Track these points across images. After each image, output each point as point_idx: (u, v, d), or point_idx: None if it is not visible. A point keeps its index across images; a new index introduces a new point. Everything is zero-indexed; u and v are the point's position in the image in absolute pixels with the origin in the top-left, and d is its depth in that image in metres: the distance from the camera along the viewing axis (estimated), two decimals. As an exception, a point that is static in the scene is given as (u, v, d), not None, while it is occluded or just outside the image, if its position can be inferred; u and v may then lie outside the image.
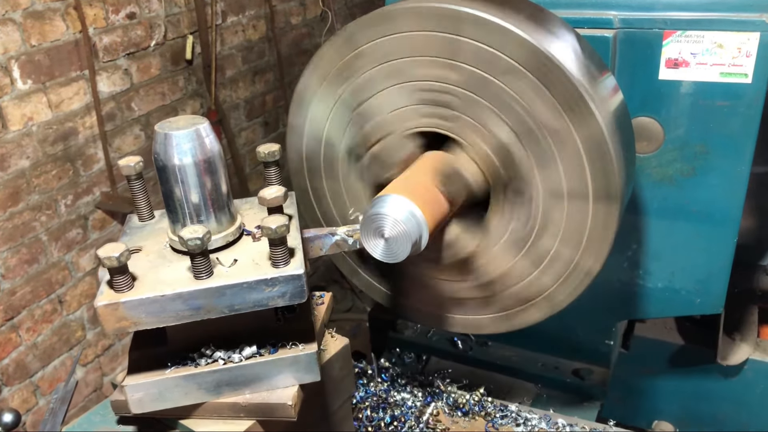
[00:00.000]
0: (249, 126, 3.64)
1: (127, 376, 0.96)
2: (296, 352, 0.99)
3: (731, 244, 1.47)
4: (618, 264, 1.58)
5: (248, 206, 1.11)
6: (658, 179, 1.46)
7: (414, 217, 1.08)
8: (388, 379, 1.73)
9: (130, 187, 1.08)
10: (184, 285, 0.91)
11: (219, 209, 0.98)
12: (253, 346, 0.99)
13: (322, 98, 1.27)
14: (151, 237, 1.04)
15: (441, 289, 1.35)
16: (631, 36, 1.36)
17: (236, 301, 0.92)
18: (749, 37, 1.27)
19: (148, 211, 1.09)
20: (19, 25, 2.30)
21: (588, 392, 1.72)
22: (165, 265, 0.96)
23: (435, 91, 1.19)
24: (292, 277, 0.92)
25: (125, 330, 0.91)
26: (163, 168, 0.94)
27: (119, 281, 0.89)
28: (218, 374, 0.97)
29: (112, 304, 0.88)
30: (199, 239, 0.87)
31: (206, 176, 0.95)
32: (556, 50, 1.09)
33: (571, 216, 1.16)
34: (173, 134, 0.92)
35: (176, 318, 0.91)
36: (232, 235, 1.00)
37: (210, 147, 0.95)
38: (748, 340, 1.91)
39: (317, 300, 1.20)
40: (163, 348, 1.00)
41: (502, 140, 1.17)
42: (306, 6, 3.94)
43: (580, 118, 1.09)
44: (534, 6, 1.25)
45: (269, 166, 1.12)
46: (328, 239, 1.09)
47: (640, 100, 1.40)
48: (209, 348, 0.99)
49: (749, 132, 1.35)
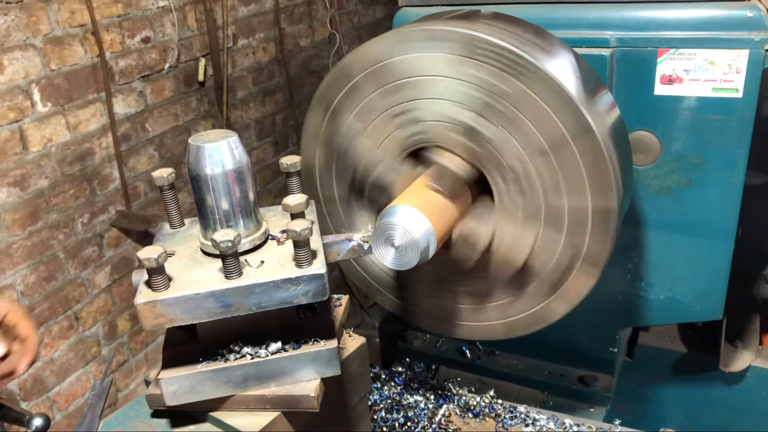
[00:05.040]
0: (259, 145, 3.71)
1: (162, 370, 1.03)
2: (318, 347, 1.06)
3: (728, 252, 1.52)
4: (619, 272, 1.63)
5: (272, 213, 1.18)
6: (656, 190, 1.52)
7: (422, 225, 1.15)
8: (401, 382, 1.79)
9: (163, 197, 1.15)
10: (216, 284, 0.98)
11: (246, 215, 1.05)
12: (278, 342, 1.06)
13: (454, 63, 1.25)
14: (183, 242, 1.11)
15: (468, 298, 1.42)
16: (627, 54, 1.42)
17: (263, 299, 0.99)
18: (739, 54, 1.33)
19: (179, 218, 1.16)
20: (40, 50, 2.39)
21: (593, 399, 1.76)
22: (197, 267, 1.03)
23: (405, 112, 1.28)
24: (314, 276, 0.99)
25: (162, 326, 0.98)
26: (195, 178, 1.01)
27: (157, 281, 0.96)
28: (246, 368, 1.03)
29: (150, 302, 0.96)
30: (230, 241, 0.94)
31: (235, 185, 1.02)
32: (554, 67, 1.16)
33: (562, 164, 1.20)
34: (205, 146, 1.00)
35: (208, 315, 0.98)
36: (258, 239, 1.07)
37: (239, 158, 1.02)
38: (750, 348, 1.95)
39: (335, 302, 1.27)
40: (195, 345, 1.07)
41: (466, 122, 1.24)
42: (314, 28, 4.03)
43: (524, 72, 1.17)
44: (534, 27, 1.32)
45: (291, 176, 1.19)
46: (345, 245, 1.16)
47: (637, 114, 1.46)
48: (237, 344, 1.05)
49: (742, 144, 1.41)
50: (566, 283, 1.26)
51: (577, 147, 1.17)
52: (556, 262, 1.23)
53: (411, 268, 1.18)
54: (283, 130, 3.91)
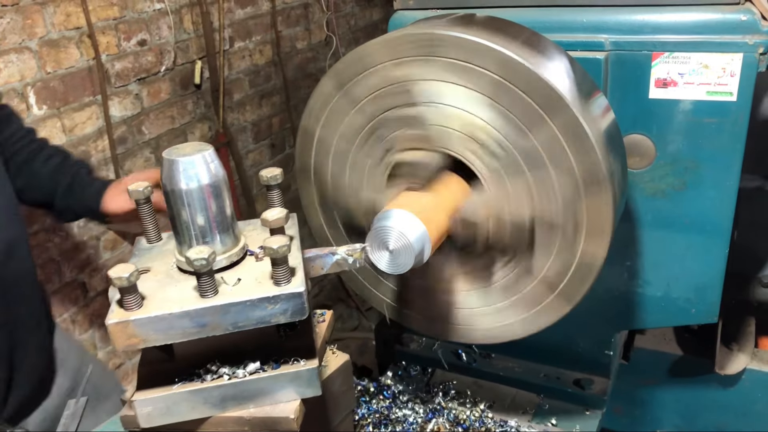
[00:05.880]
0: (256, 148, 3.71)
1: (137, 391, 1.00)
2: (298, 367, 1.02)
3: (723, 255, 1.52)
4: (615, 276, 1.64)
5: (251, 228, 1.14)
6: (651, 193, 1.52)
7: (417, 230, 1.14)
8: (390, 396, 1.78)
9: (139, 211, 1.11)
10: (191, 303, 0.94)
11: (223, 231, 1.02)
12: (257, 362, 1.02)
13: (380, 73, 1.26)
14: (159, 258, 1.08)
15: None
16: (621, 58, 1.42)
17: (240, 318, 0.95)
18: (733, 57, 1.33)
19: (155, 233, 1.13)
20: (35, 53, 2.39)
21: (589, 402, 1.76)
22: (172, 284, 1.00)
23: (493, 138, 1.21)
24: (293, 295, 0.96)
25: (135, 347, 0.94)
26: (170, 193, 0.98)
27: (129, 300, 0.92)
28: (223, 389, 1.00)
29: (122, 322, 0.92)
30: (204, 259, 0.90)
31: (211, 200, 0.98)
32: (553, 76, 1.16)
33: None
34: (180, 160, 0.96)
35: (183, 335, 0.95)
36: (236, 255, 1.04)
37: (215, 172, 0.98)
38: (746, 350, 1.95)
39: (318, 318, 1.23)
40: (171, 364, 1.04)
41: (524, 218, 1.22)
42: (311, 31, 4.04)
43: (595, 238, 1.18)
44: (554, 45, 1.33)
45: (272, 189, 1.15)
46: (329, 258, 1.13)
47: (632, 118, 1.46)
48: (215, 364, 1.02)
49: (736, 147, 1.41)
50: (583, 213, 1.19)
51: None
52: (562, 199, 1.18)
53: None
54: (279, 132, 3.92)
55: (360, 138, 1.33)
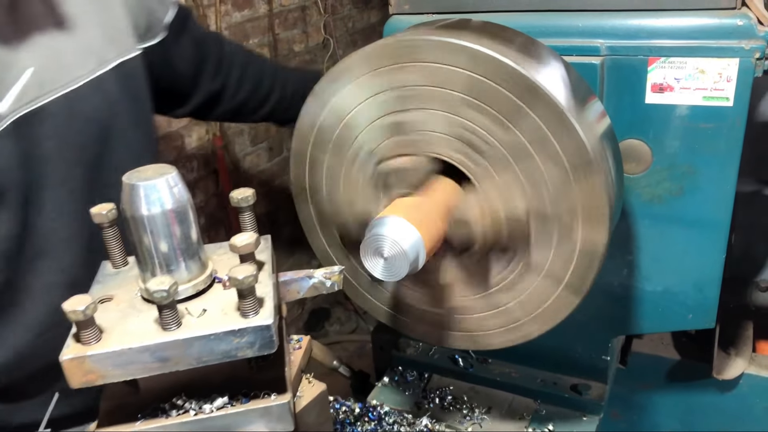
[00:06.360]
0: (253, 151, 3.71)
1: (98, 428, 0.95)
2: (268, 402, 0.97)
3: (720, 260, 1.51)
4: (612, 281, 1.63)
5: (222, 251, 1.08)
6: (648, 199, 1.52)
7: (412, 237, 1.14)
8: (375, 417, 1.75)
9: (104, 236, 1.04)
10: (152, 337, 0.89)
11: (189, 257, 0.96)
12: (225, 396, 0.97)
13: (361, 85, 1.27)
14: (124, 285, 1.02)
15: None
16: (617, 63, 1.42)
17: (204, 352, 0.90)
18: (729, 62, 1.33)
19: (122, 257, 1.07)
20: (31, 57, 2.38)
21: (586, 407, 1.76)
22: (134, 315, 0.94)
23: (477, 135, 1.21)
24: (260, 328, 0.90)
25: (92, 383, 0.88)
26: (130, 219, 0.92)
27: (86, 334, 0.87)
28: (189, 425, 0.95)
29: (78, 358, 0.86)
30: (165, 291, 0.85)
31: (175, 226, 0.93)
32: (545, 80, 1.15)
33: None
34: (140, 185, 0.90)
35: (144, 370, 0.89)
36: (202, 283, 0.98)
37: (179, 196, 0.92)
38: (743, 355, 1.94)
39: (294, 344, 1.18)
40: (136, 398, 0.99)
41: (518, 212, 1.22)
42: (308, 33, 4.04)
43: (592, 224, 1.17)
44: (550, 51, 1.33)
45: (243, 212, 1.08)
46: (305, 282, 1.09)
47: (629, 123, 1.46)
48: (181, 398, 0.97)
49: (733, 152, 1.41)
50: (576, 198, 1.17)
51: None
52: (553, 187, 1.17)
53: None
54: (277, 135, 3.91)
55: (350, 153, 1.32)
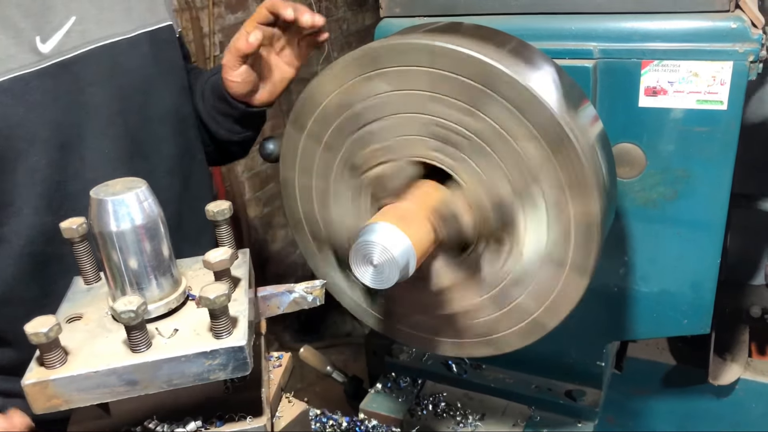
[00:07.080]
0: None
1: None
2: (243, 425, 0.94)
3: (715, 265, 1.50)
4: (606, 286, 1.62)
5: (198, 266, 1.04)
6: (641, 203, 1.50)
7: (402, 244, 1.12)
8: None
9: (74, 251, 1.01)
10: (119, 359, 0.85)
11: (161, 274, 0.93)
12: (198, 420, 0.94)
13: (332, 104, 1.27)
14: (95, 303, 0.99)
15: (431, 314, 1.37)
16: (610, 66, 1.40)
17: (175, 375, 0.87)
18: (723, 66, 1.31)
19: (94, 273, 1.04)
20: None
21: (580, 414, 1.74)
22: (103, 335, 0.91)
23: (449, 130, 1.19)
24: (233, 349, 0.87)
25: (57, 408, 0.85)
26: (99, 235, 0.89)
27: (49, 357, 0.83)
28: None
29: (41, 383, 0.83)
30: (132, 312, 0.81)
31: (146, 242, 0.90)
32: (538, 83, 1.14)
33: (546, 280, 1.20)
34: (108, 200, 0.87)
35: (112, 394, 0.86)
36: (175, 301, 0.95)
37: (149, 211, 0.89)
38: (739, 360, 1.93)
39: (274, 362, 1.15)
40: (106, 422, 0.96)
41: (503, 196, 1.19)
42: (302, 36, 4.02)
43: (580, 194, 1.13)
44: (540, 53, 1.30)
45: (220, 225, 1.05)
46: (286, 297, 1.06)
47: (622, 126, 1.44)
48: (153, 421, 0.94)
49: (728, 155, 1.39)
50: (557, 171, 1.14)
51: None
52: (534, 166, 1.14)
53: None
54: (271, 138, 3.89)
55: (335, 173, 1.31)
